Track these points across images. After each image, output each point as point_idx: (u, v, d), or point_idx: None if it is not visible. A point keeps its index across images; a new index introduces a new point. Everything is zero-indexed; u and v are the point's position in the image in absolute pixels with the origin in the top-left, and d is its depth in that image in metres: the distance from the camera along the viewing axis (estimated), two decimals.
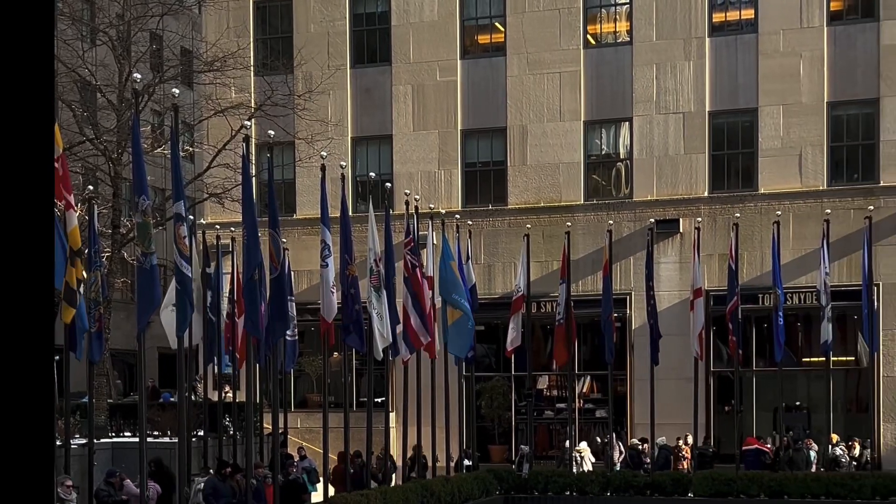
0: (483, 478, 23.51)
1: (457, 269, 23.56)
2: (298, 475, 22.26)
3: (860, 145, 29.98)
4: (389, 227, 22.27)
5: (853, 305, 26.84)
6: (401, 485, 21.16)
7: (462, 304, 22.97)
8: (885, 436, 28.26)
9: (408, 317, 22.01)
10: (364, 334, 20.53)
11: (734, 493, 23.09)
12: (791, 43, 29.78)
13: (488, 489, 23.38)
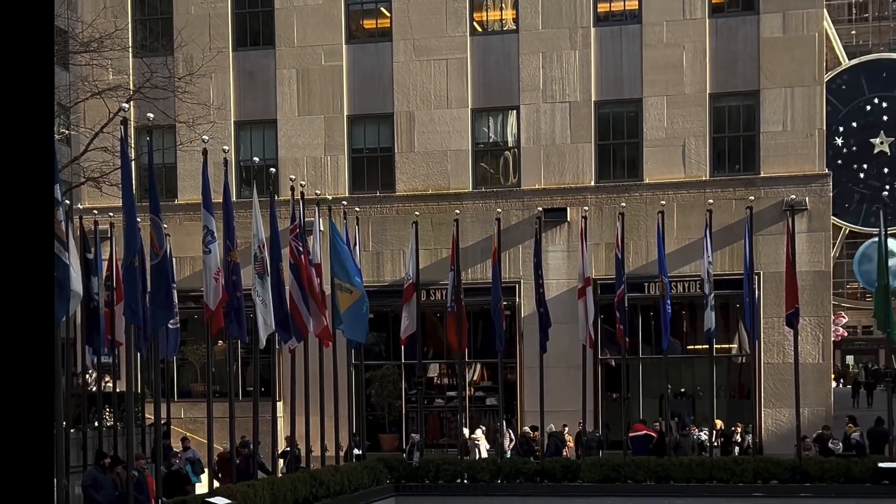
0: (373, 467, 23.35)
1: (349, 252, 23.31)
2: (181, 466, 21.76)
3: (741, 136, 30.71)
4: (274, 212, 21.90)
5: (735, 294, 27.53)
6: (289, 475, 20.78)
7: (357, 281, 22.75)
8: (766, 421, 29.11)
9: (294, 304, 21.66)
10: (247, 322, 20.11)
11: (622, 479, 23.43)
12: (674, 34, 30.33)
13: (379, 478, 23.23)
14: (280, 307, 20.65)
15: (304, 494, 19.97)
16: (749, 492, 23.00)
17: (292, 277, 21.80)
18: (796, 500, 22.91)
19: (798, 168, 29.76)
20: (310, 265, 22.42)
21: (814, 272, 29.22)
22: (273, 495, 18.90)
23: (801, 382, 25.18)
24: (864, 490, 22.79)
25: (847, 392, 54.26)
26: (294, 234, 22.03)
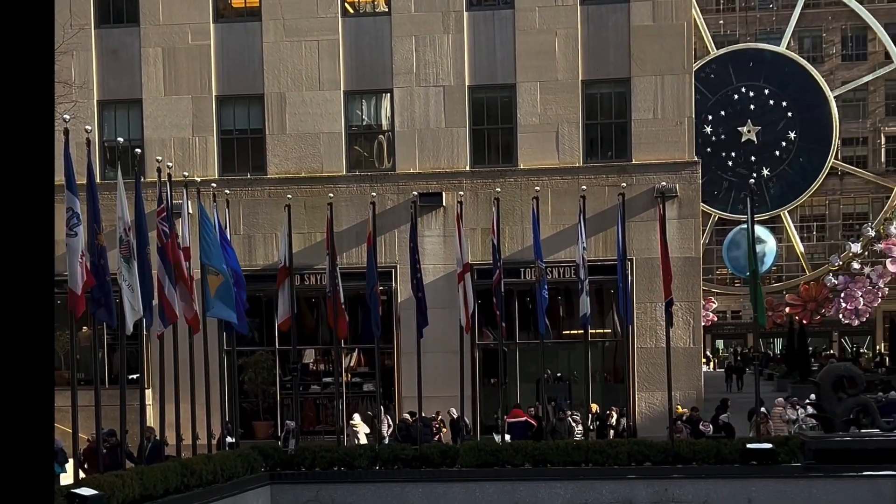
0: (247, 455, 23.04)
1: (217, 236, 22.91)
2: None
3: (613, 123, 31.35)
4: (140, 195, 21.35)
5: (609, 279, 28.14)
6: (159, 464, 20.34)
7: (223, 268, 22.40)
8: (639, 405, 29.91)
9: (162, 289, 21.19)
10: (114, 307, 19.60)
11: (500, 463, 23.71)
12: (546, 20, 30.78)
13: (253, 466, 22.94)
14: (147, 292, 20.19)
15: (175, 484, 19.59)
16: (623, 474, 23.55)
17: (160, 261, 21.33)
18: (669, 480, 23.54)
19: (668, 155, 30.56)
20: (178, 249, 21.98)
21: (684, 258, 30.07)
22: (142, 485, 18.50)
23: (673, 366, 25.94)
24: (734, 470, 23.60)
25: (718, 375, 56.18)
26: (161, 216, 21.56)
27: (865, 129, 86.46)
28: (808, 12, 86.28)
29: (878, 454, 23.30)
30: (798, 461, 23.66)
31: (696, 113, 36.37)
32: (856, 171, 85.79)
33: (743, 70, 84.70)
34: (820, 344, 79.75)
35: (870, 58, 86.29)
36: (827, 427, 24.49)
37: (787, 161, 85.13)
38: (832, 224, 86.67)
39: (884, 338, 77.16)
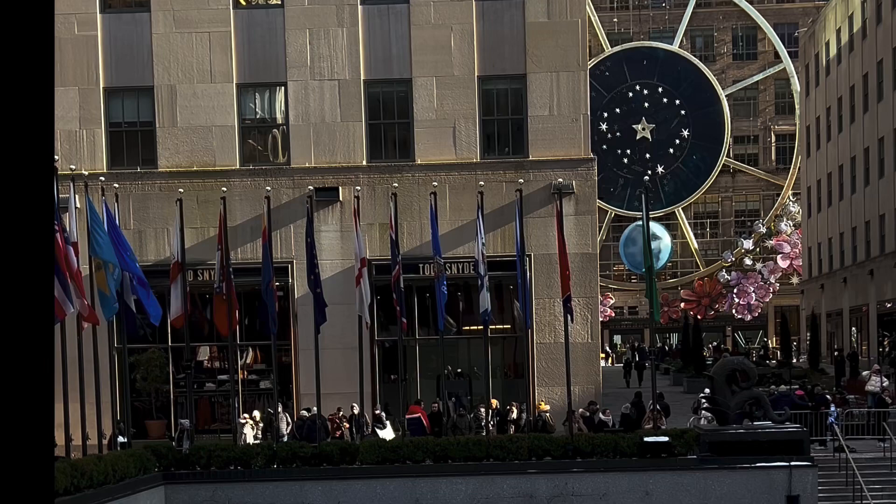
0: (140, 455, 22.85)
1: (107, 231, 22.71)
2: None
3: (510, 119, 31.80)
4: None
5: (509, 275, 28.62)
6: None
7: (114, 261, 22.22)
8: (539, 400, 30.39)
9: None
10: None
11: (401, 460, 23.96)
12: (442, 15, 31.10)
13: (146, 467, 22.76)
14: None
15: (65, 485, 19.36)
16: (524, 468, 24.03)
17: None
18: (569, 475, 24.10)
19: (564, 152, 31.13)
20: (66, 244, 21.72)
21: (581, 254, 30.72)
22: None
23: (572, 361, 26.54)
24: (632, 464, 24.29)
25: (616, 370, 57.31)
26: None
27: (756, 128, 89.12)
28: (699, 12, 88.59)
29: (770, 446, 24.23)
30: (694, 453, 24.45)
31: (592, 110, 37.09)
32: (747, 168, 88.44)
33: (637, 68, 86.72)
34: (714, 338, 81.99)
35: (760, 57, 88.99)
36: (721, 420, 25.36)
37: (680, 158, 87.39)
38: (725, 221, 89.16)
39: (775, 332, 79.64)
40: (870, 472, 26.36)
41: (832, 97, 69.32)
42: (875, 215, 60.83)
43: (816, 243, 73.98)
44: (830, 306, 70.30)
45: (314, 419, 25.64)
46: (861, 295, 63.58)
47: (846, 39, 66.14)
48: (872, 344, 60.46)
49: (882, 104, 59.20)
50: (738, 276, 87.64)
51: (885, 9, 58.79)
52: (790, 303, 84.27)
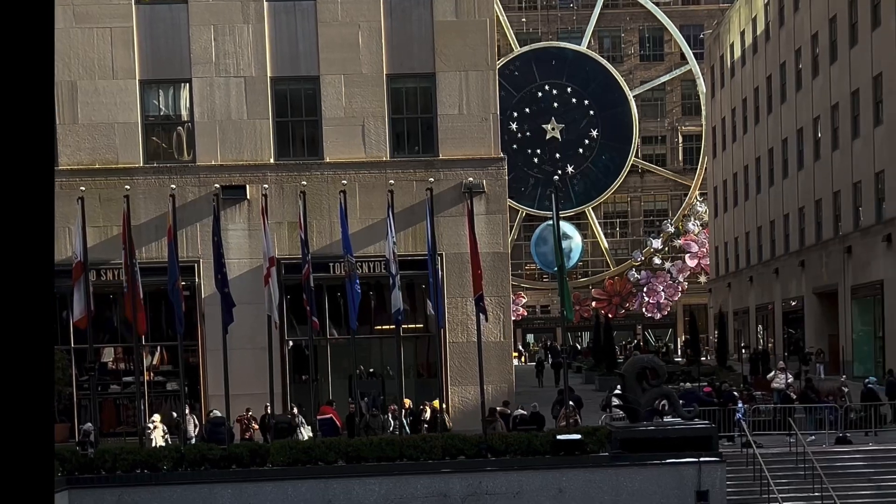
0: None
1: None
2: None
3: (419, 118, 31.96)
4: None
5: (420, 274, 28.76)
6: None
7: None
8: (453, 399, 30.64)
9: None
10: None
11: (312, 461, 23.92)
12: (349, 13, 31.15)
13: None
14: None
15: None
16: (438, 468, 24.17)
17: None
18: (482, 473, 24.30)
19: (474, 151, 31.39)
20: None
21: (493, 253, 31.01)
22: None
23: (485, 360, 26.78)
24: (545, 461, 24.60)
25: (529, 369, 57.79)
26: None
27: (664, 128, 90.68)
28: (606, 12, 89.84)
29: (680, 442, 24.74)
30: (606, 451, 24.86)
31: (502, 110, 37.49)
32: (655, 168, 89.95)
33: (546, 68, 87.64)
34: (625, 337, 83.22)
35: (666, 58, 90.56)
36: (632, 417, 25.82)
37: (590, 158, 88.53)
38: (634, 220, 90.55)
39: (684, 330, 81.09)
40: (776, 466, 27.01)
41: (737, 98, 70.88)
42: (779, 215, 62.36)
43: (723, 243, 75.57)
44: (737, 304, 71.85)
45: (223, 421, 25.48)
46: (767, 293, 65.12)
47: (750, 41, 67.70)
48: (778, 341, 61.98)
49: (785, 105, 60.72)
50: (648, 276, 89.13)
51: (788, 11, 60.33)
52: (698, 301, 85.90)
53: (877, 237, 47.86)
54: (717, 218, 77.33)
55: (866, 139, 49.18)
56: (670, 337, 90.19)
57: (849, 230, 51.36)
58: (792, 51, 59.60)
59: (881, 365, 46.70)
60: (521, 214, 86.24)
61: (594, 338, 58.19)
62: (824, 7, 54.21)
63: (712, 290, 79.51)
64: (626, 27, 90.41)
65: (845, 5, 51.43)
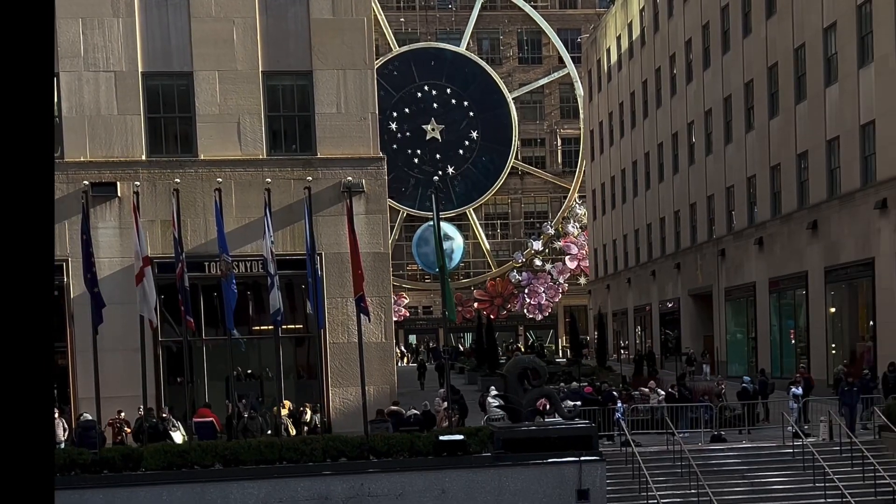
0: None
1: None
2: None
3: (297, 116, 31.74)
4: None
5: (299, 274, 28.54)
6: None
7: None
8: (333, 400, 30.48)
9: None
10: None
11: (188, 465, 23.52)
12: (223, 8, 30.80)
13: None
14: None
15: None
16: (319, 470, 24.04)
17: None
18: (365, 475, 24.26)
19: (353, 150, 31.31)
20: None
21: (374, 253, 30.94)
22: None
23: (366, 361, 26.73)
24: (428, 462, 24.66)
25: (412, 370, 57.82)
26: None
27: (543, 131, 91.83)
28: (485, 14, 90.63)
29: (561, 442, 25.12)
30: (488, 451, 25.04)
31: (381, 109, 37.42)
32: (535, 171, 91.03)
33: (425, 68, 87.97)
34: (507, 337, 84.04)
35: (545, 61, 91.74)
36: (514, 417, 26.06)
37: (470, 160, 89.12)
38: (515, 222, 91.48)
39: (565, 331, 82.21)
40: (655, 464, 27.56)
41: (614, 103, 72.19)
42: (656, 218, 63.70)
43: (602, 245, 76.85)
44: (616, 306, 73.15)
45: (93, 424, 24.88)
46: (644, 295, 66.43)
47: (626, 46, 69.03)
48: (656, 342, 63.27)
49: (661, 110, 62.07)
50: (529, 277, 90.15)
51: (662, 17, 61.70)
52: (579, 302, 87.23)
53: (749, 240, 49.26)
54: (596, 220, 78.62)
55: (739, 144, 50.60)
56: (551, 338, 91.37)
57: (722, 233, 52.75)
58: (667, 56, 60.96)
59: (754, 365, 48.05)
60: (401, 215, 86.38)
61: (476, 338, 58.62)
62: (697, 14, 55.61)
63: (592, 292, 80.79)
64: (505, 29, 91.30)
65: (717, 13, 52.86)
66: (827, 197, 42.04)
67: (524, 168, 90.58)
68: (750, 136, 49.29)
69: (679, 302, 60.06)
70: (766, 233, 47.57)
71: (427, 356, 71.29)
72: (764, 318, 48.84)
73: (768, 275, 47.57)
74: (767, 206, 47.59)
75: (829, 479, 26.17)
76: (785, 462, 28.36)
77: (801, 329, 45.50)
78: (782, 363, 46.82)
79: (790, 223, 45.27)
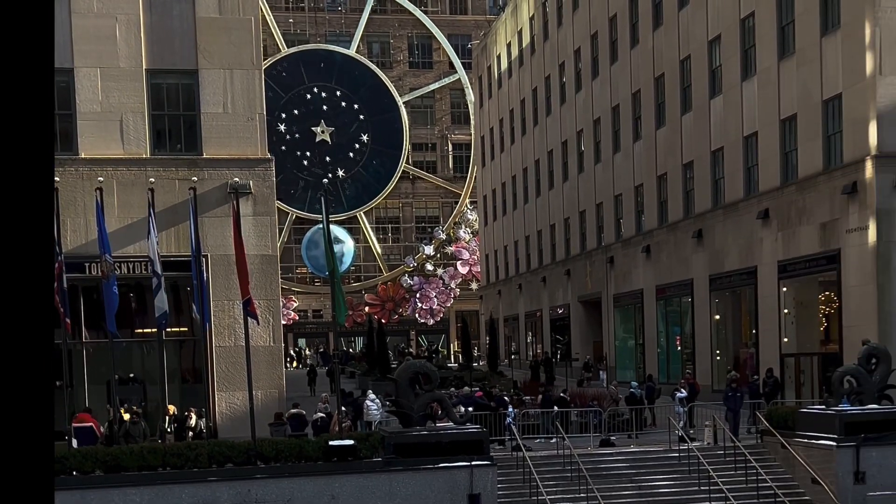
0: None
1: None
2: None
3: (182, 116, 31.29)
4: None
5: (185, 276, 28.11)
6: None
7: None
8: (220, 405, 30.03)
9: None
10: None
11: (67, 471, 22.94)
12: (105, 5, 30.25)
13: None
14: None
15: None
16: (204, 476, 23.66)
17: None
18: (252, 481, 23.97)
19: (241, 151, 30.98)
20: None
21: (261, 256, 30.60)
22: None
23: (254, 365, 26.44)
24: (317, 468, 24.48)
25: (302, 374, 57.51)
26: None
27: (434, 136, 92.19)
28: (375, 17, 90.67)
29: (452, 446, 25.18)
30: (379, 456, 24.95)
31: (270, 110, 37.14)
32: (426, 175, 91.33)
33: (315, 70, 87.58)
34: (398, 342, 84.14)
35: (435, 66, 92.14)
36: (405, 422, 26.02)
37: (361, 163, 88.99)
38: (406, 226, 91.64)
39: (457, 336, 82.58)
40: (545, 468, 27.80)
41: (504, 109, 72.80)
42: (546, 225, 64.40)
43: (493, 251, 77.41)
44: (508, 311, 73.71)
45: None
46: (535, 301, 67.07)
47: (516, 54, 69.68)
48: (547, 347, 63.91)
49: (551, 118, 62.81)
50: (421, 281, 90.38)
51: (552, 26, 62.45)
52: (471, 307, 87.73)
53: (637, 248, 50.14)
54: (487, 226, 79.15)
55: (626, 153, 51.48)
56: (443, 342, 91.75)
57: (611, 241, 53.58)
58: (556, 65, 61.72)
59: (642, 370, 48.87)
60: (291, 217, 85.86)
61: (368, 343, 58.60)
62: (586, 23, 56.44)
63: (483, 297, 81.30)
64: (395, 33, 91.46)
65: (606, 23, 53.70)
66: (712, 206, 43.00)
67: (415, 172, 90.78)
68: (637, 146, 50.17)
69: (569, 308, 60.77)
70: (654, 241, 48.44)
71: (317, 360, 70.88)
72: (651, 324, 49.70)
73: (655, 282, 48.44)
74: (654, 214, 48.47)
75: (713, 482, 26.70)
76: (671, 466, 28.84)
77: (687, 335, 46.44)
78: (669, 369, 47.71)
79: (676, 231, 46.16)
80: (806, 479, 27.01)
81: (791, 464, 27.83)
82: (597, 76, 55.40)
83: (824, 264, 35.83)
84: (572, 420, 33.25)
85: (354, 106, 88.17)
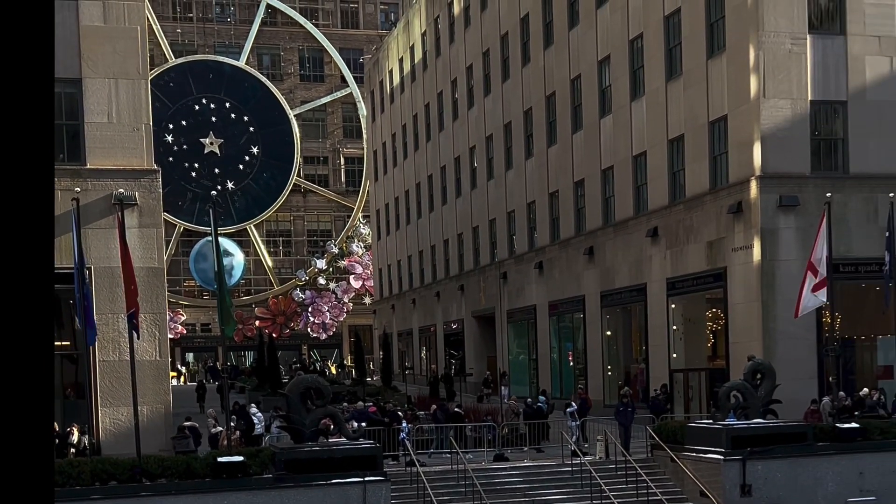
0: None
1: None
2: None
3: (65, 125, 30.68)
4: None
5: (66, 289, 27.44)
6: None
7: None
8: (104, 421, 29.41)
9: None
10: None
11: None
12: None
13: None
14: None
15: None
16: (87, 494, 23.09)
17: None
18: (136, 499, 23.48)
19: (126, 162, 30.49)
20: None
21: (147, 268, 30.12)
22: None
23: (140, 380, 25.94)
24: (205, 485, 24.07)
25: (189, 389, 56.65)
26: None
27: (326, 149, 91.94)
28: (266, 30, 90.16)
29: (345, 462, 25.01)
30: (269, 472, 24.67)
31: (157, 121, 36.64)
32: (318, 189, 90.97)
33: (203, 81, 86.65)
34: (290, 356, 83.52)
35: (327, 80, 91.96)
36: (297, 438, 25.79)
37: (251, 175, 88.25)
38: (298, 240, 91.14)
39: (350, 350, 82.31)
40: (439, 484, 27.82)
41: (397, 124, 72.96)
42: (440, 240, 64.63)
43: (387, 265, 77.38)
44: (402, 326, 73.69)
45: None
46: (429, 315, 67.20)
47: (408, 69, 69.93)
48: (440, 362, 64.05)
49: (443, 134, 63.12)
50: (313, 295, 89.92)
51: (444, 42, 62.81)
52: (364, 322, 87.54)
53: (530, 264, 50.61)
54: (381, 240, 79.12)
55: (519, 170, 52.00)
56: (336, 357, 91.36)
57: (504, 257, 53.97)
58: (448, 81, 62.08)
59: (535, 385, 49.29)
60: (178, 229, 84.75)
61: (258, 357, 58.06)
62: (478, 41, 56.92)
63: (377, 312, 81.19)
64: (286, 46, 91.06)
65: (497, 41, 54.21)
66: (602, 224, 43.66)
67: (307, 186, 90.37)
68: (530, 163, 50.70)
69: (463, 323, 61.02)
70: (546, 257, 48.96)
71: (206, 375, 69.98)
72: (544, 339, 50.17)
73: (548, 298, 48.93)
74: (547, 231, 49.02)
75: (605, 495, 27.03)
76: (564, 480, 29.11)
77: (580, 351, 46.99)
78: (562, 384, 48.21)
79: (568, 248, 46.73)
80: (695, 491, 27.49)
81: (680, 477, 28.32)
82: (489, 93, 55.87)
83: (711, 282, 36.62)
84: (467, 434, 33.34)
85: (244, 118, 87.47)
